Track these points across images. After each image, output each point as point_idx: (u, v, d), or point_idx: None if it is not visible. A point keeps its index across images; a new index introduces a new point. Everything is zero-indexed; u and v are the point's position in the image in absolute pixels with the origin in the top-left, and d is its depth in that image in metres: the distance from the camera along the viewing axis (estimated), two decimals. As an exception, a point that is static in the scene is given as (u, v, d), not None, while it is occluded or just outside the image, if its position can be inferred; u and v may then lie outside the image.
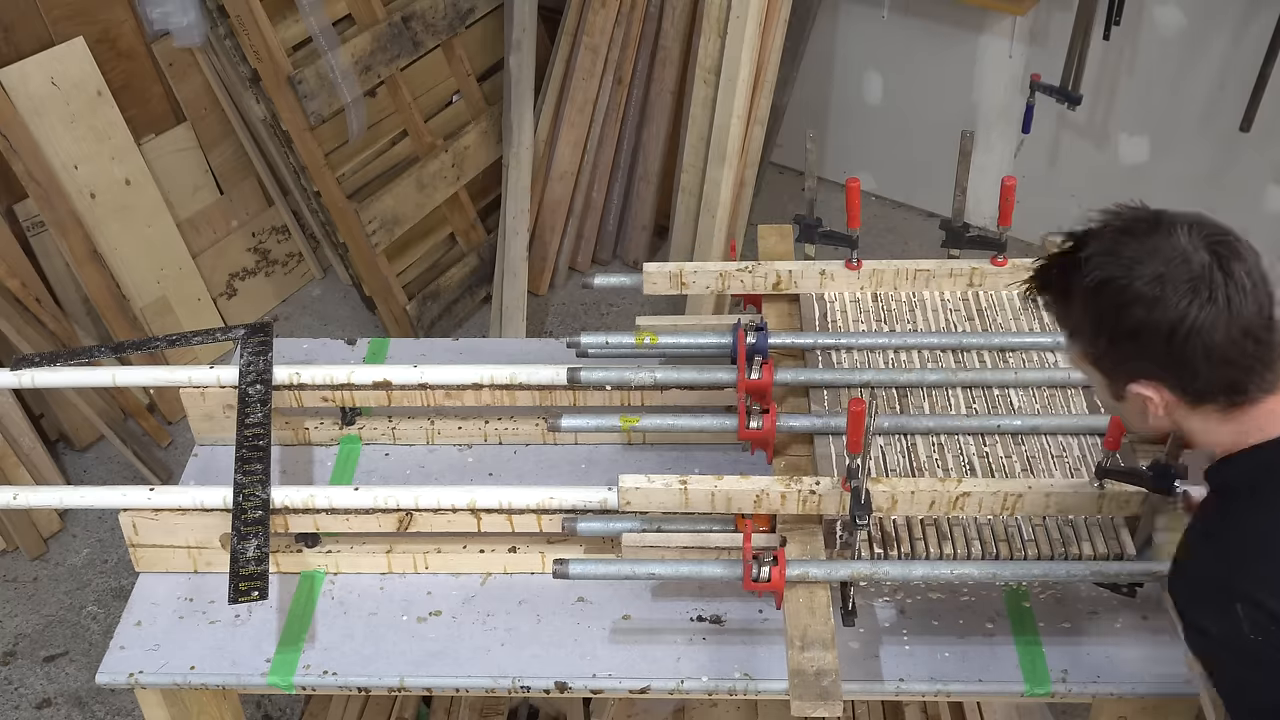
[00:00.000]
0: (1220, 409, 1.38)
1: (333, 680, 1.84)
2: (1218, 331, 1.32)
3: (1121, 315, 1.35)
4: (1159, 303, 1.32)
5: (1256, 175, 3.58)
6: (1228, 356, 1.33)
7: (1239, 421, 1.39)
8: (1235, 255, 1.34)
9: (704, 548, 1.87)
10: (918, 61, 3.99)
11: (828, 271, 2.23)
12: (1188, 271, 1.32)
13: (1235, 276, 1.32)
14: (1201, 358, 1.33)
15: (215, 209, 3.77)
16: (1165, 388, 1.38)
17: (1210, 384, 1.36)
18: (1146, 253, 1.34)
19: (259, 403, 2.06)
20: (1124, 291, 1.34)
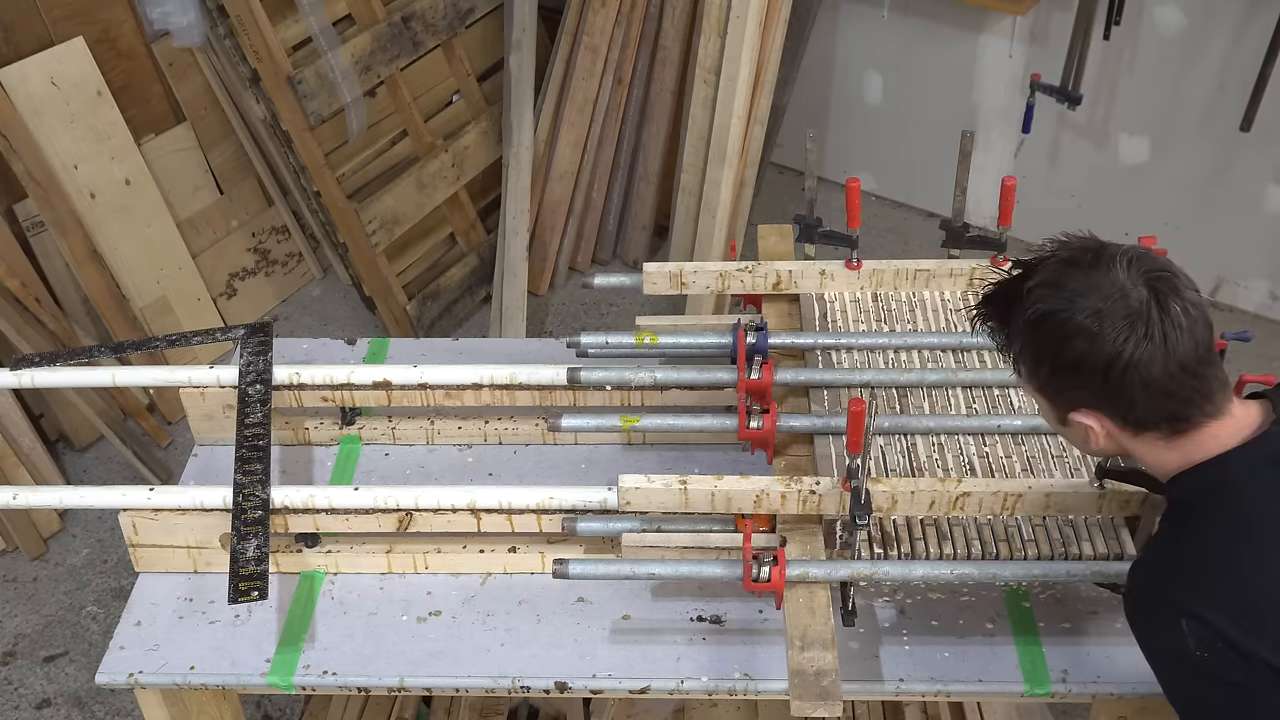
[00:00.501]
0: (1163, 436, 1.40)
1: (333, 680, 1.84)
2: (1154, 366, 1.34)
3: (1062, 348, 1.37)
4: (1097, 337, 1.34)
5: (1256, 175, 3.58)
6: (1166, 389, 1.36)
7: (1181, 446, 1.41)
8: (1173, 291, 1.36)
9: (704, 548, 1.87)
10: (918, 61, 3.99)
11: (828, 271, 2.23)
12: (1125, 307, 1.34)
13: (1171, 313, 1.34)
14: (1139, 390, 1.35)
15: (215, 209, 3.77)
16: (1106, 417, 1.40)
17: (1150, 414, 1.38)
18: (1088, 287, 1.36)
19: (259, 403, 2.06)
20: (1064, 325, 1.36)
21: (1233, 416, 1.41)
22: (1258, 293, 3.79)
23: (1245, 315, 3.80)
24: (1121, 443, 1.44)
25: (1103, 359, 1.35)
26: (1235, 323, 3.74)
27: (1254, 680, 1.30)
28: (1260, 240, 3.69)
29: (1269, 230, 3.65)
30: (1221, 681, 1.32)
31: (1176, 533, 1.45)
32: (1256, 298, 3.80)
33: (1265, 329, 3.70)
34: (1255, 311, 3.80)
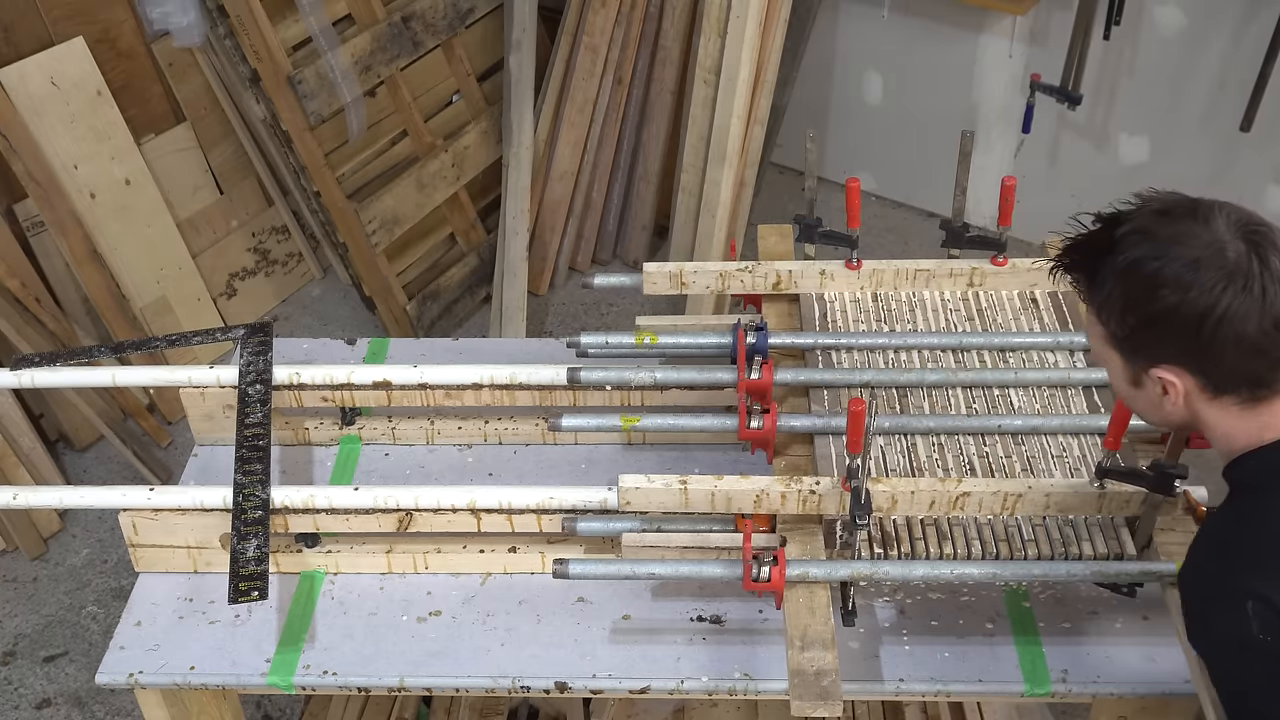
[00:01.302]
0: (1240, 402, 1.35)
1: (333, 680, 1.84)
2: (1250, 321, 1.29)
3: (1153, 298, 1.32)
4: (1193, 287, 1.29)
5: (1256, 175, 3.58)
6: (1260, 347, 1.30)
7: (1257, 416, 1.36)
8: (1272, 246, 1.31)
9: (704, 548, 1.87)
10: (918, 61, 3.99)
11: (828, 271, 2.23)
12: (1223, 259, 1.30)
13: (1271, 267, 1.29)
14: (1231, 346, 1.30)
15: (215, 209, 3.77)
16: (1188, 374, 1.35)
17: (1235, 374, 1.33)
18: (1182, 236, 1.32)
19: (259, 403, 2.06)
20: (1158, 274, 1.31)
21: None
22: (1258, 293, 3.78)
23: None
24: (1196, 407, 1.38)
25: (1196, 310, 1.29)
26: None
27: None
28: (1260, 240, 3.69)
29: (1269, 230, 3.65)
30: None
31: (1237, 517, 1.38)
32: (1256, 298, 3.79)
33: (1265, 329, 3.70)
34: (1255, 311, 3.80)
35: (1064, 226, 1.48)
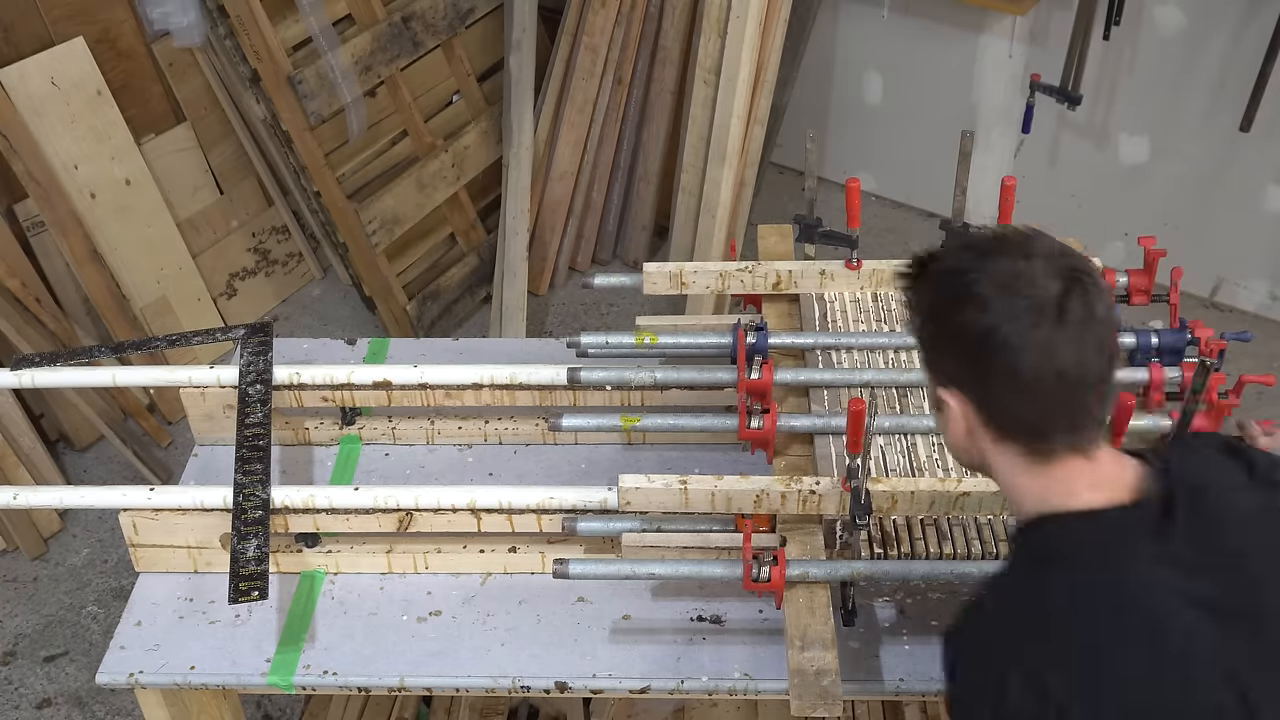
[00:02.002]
0: (1023, 453, 1.30)
1: (333, 680, 1.84)
2: (1027, 356, 1.23)
3: (953, 310, 1.28)
4: (987, 307, 1.24)
5: (1256, 175, 3.58)
6: (1031, 390, 1.25)
7: (1040, 475, 1.30)
8: (1084, 294, 1.25)
9: (704, 548, 1.87)
10: (918, 61, 3.99)
11: (828, 271, 2.23)
12: (1030, 289, 1.24)
13: (1069, 313, 1.23)
14: (1002, 378, 1.26)
15: (215, 209, 3.77)
16: (969, 403, 1.30)
17: (1009, 415, 1.28)
18: (1003, 262, 1.27)
19: (259, 403, 2.06)
20: (966, 288, 1.27)
21: (1099, 465, 1.29)
22: (1258, 293, 3.79)
23: (1245, 315, 3.81)
24: (981, 446, 1.32)
25: (980, 329, 1.24)
26: (1235, 323, 3.74)
27: None
28: (1260, 240, 3.69)
29: (1269, 230, 3.65)
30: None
31: (1037, 585, 1.29)
32: (1256, 298, 3.80)
33: (1265, 329, 3.71)
34: (1255, 311, 3.81)
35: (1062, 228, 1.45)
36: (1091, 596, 1.24)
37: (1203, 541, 1.27)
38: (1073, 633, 1.23)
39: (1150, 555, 1.25)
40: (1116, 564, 1.25)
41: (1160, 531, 1.26)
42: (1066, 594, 1.26)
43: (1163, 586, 1.24)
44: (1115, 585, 1.24)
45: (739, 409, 1.95)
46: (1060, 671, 1.21)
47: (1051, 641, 1.23)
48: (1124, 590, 1.24)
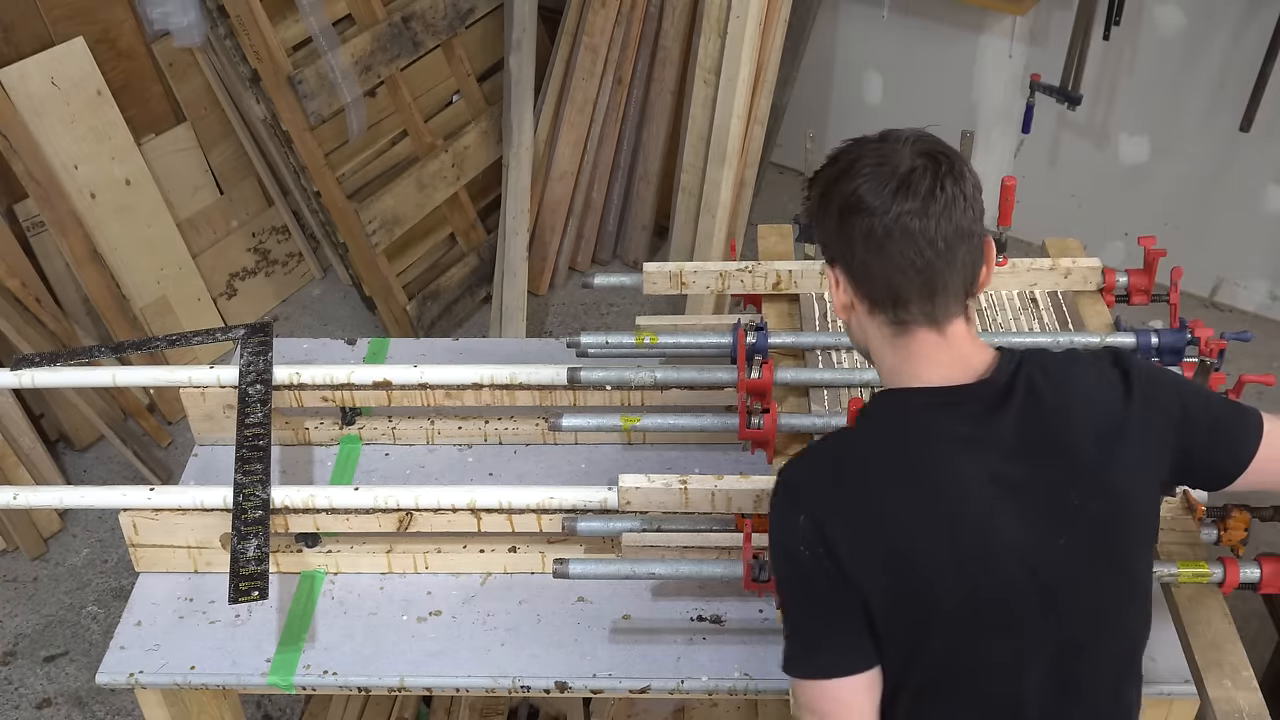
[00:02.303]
0: (887, 324, 1.39)
1: (333, 680, 1.84)
2: (880, 217, 1.33)
3: (830, 181, 1.39)
4: (854, 175, 1.35)
5: (1256, 175, 3.58)
6: (888, 252, 1.34)
7: (901, 350, 1.40)
8: (938, 169, 1.34)
9: (704, 547, 1.87)
10: (918, 61, 3.99)
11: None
12: (890, 162, 1.34)
13: (923, 181, 1.33)
14: (863, 238, 1.35)
15: (215, 209, 3.77)
16: (844, 275, 1.41)
17: (872, 278, 1.37)
18: (878, 144, 1.38)
19: (259, 403, 2.06)
20: (840, 167, 1.38)
21: (953, 344, 1.39)
22: (1258, 293, 3.79)
23: (1245, 315, 3.81)
24: (860, 320, 1.43)
25: (844, 195, 1.35)
26: (1235, 323, 3.74)
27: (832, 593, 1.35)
28: (1260, 240, 3.69)
29: (1269, 230, 3.65)
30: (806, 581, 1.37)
31: (837, 437, 1.48)
32: (1256, 298, 3.80)
33: (1265, 329, 3.71)
34: (1255, 311, 3.81)
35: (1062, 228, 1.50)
36: (880, 452, 1.39)
37: (1029, 430, 1.37)
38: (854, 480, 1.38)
39: (955, 429, 1.37)
40: (915, 428, 1.39)
41: (984, 412, 1.38)
42: (860, 448, 1.42)
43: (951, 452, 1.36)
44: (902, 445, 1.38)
45: (739, 409, 1.94)
46: (839, 518, 1.35)
47: (839, 488, 1.38)
48: (909, 449, 1.38)
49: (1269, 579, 1.74)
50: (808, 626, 1.39)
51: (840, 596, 1.35)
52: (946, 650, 1.38)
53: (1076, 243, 2.29)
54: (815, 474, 1.42)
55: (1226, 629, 1.74)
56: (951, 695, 1.41)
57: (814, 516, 1.35)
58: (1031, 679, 1.40)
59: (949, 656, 1.38)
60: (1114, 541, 1.40)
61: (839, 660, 1.37)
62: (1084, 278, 2.18)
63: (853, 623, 1.36)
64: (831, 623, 1.37)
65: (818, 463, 1.44)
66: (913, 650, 1.38)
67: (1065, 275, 2.18)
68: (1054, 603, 1.38)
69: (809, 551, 1.35)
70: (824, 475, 1.41)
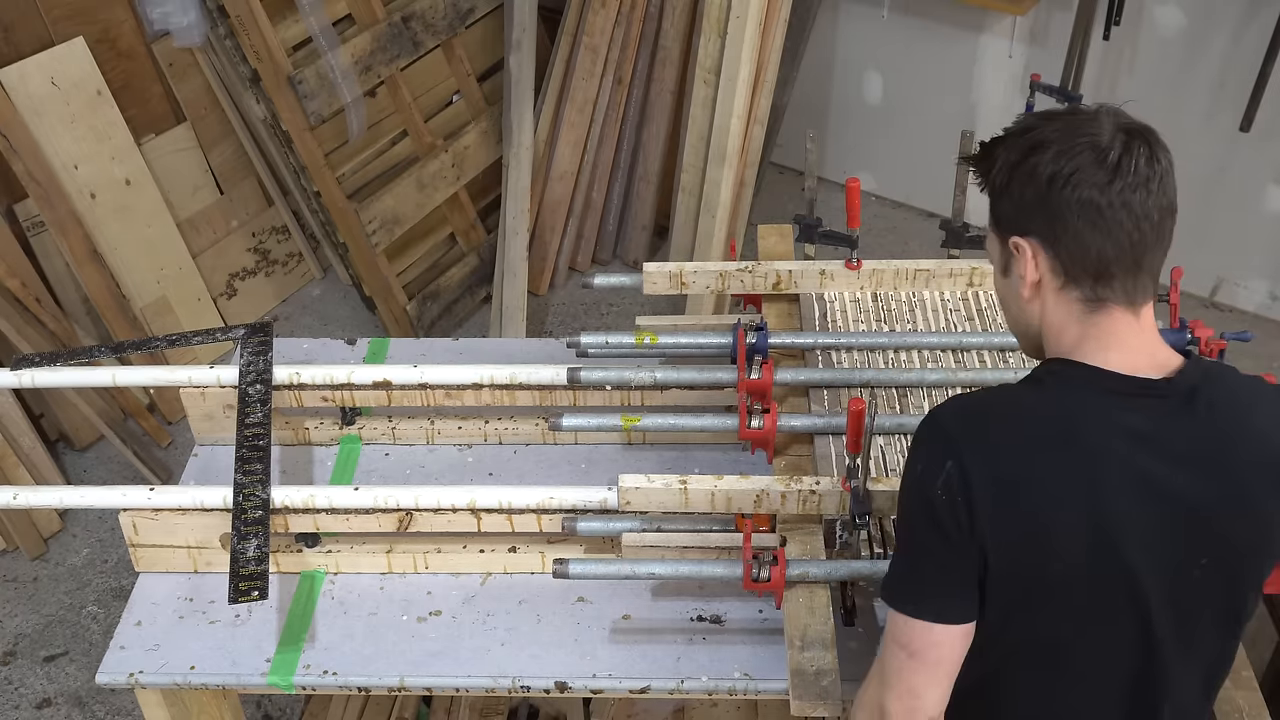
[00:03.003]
0: (1081, 300, 1.38)
1: (333, 680, 1.84)
2: (1098, 191, 1.32)
3: (1022, 159, 1.37)
4: (1052, 147, 1.34)
5: (1256, 175, 3.58)
6: (1104, 218, 1.33)
7: (1090, 327, 1.38)
8: (1147, 143, 1.36)
9: (704, 548, 1.87)
10: (918, 61, 3.99)
11: (828, 271, 2.23)
12: (1094, 136, 1.34)
13: (1134, 153, 1.33)
14: (1076, 209, 1.33)
15: (215, 209, 3.77)
16: (1040, 248, 1.38)
17: (1080, 254, 1.35)
18: (1066, 118, 1.38)
19: (259, 403, 2.06)
20: (1033, 139, 1.37)
21: (1143, 328, 1.38)
22: (1258, 293, 3.79)
23: (1245, 315, 3.81)
24: (1044, 296, 1.40)
25: (1051, 170, 1.34)
26: (1235, 323, 3.74)
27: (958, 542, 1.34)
28: (1260, 240, 3.69)
29: (1269, 230, 3.65)
30: (934, 523, 1.35)
31: (1009, 391, 1.45)
32: (1256, 298, 3.80)
33: (1265, 329, 3.71)
34: (1255, 311, 3.81)
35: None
36: (1045, 417, 1.36)
37: (1201, 444, 1.35)
38: (1011, 439, 1.35)
39: (1128, 420, 1.34)
40: (1089, 405, 1.35)
41: (1161, 413, 1.35)
42: (1026, 408, 1.38)
43: (1117, 441, 1.33)
44: (1069, 417, 1.35)
45: (739, 409, 1.95)
46: (988, 472, 1.33)
47: (995, 442, 1.35)
48: (1076, 423, 1.35)
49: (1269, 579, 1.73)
50: (923, 567, 1.39)
51: (965, 547, 1.34)
52: (1045, 626, 1.39)
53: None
54: (972, 423, 1.39)
55: (1226, 629, 1.74)
56: (1032, 669, 1.42)
57: (962, 464, 1.33)
58: (1121, 679, 1.41)
59: (1046, 632, 1.39)
60: (1244, 572, 1.41)
61: (947, 606, 1.37)
62: (1084, 278, 2.17)
63: (969, 575, 1.36)
64: (949, 570, 1.37)
65: (977, 413, 1.41)
66: (1013, 617, 1.38)
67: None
68: (1173, 613, 1.38)
69: (946, 497, 1.33)
70: (981, 426, 1.38)
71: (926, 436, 1.40)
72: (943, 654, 1.38)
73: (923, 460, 1.38)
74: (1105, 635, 1.39)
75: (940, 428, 1.39)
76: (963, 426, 1.38)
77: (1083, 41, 3.46)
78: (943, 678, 1.39)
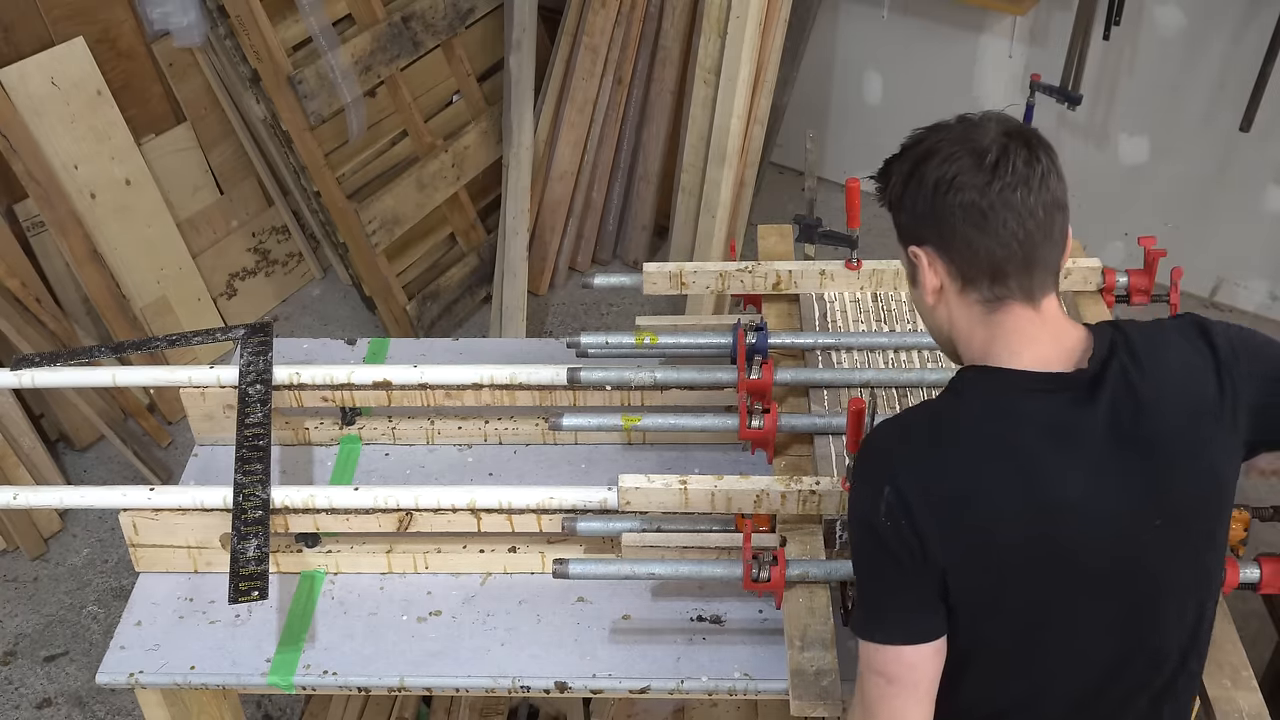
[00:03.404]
0: (981, 301, 1.40)
1: (333, 680, 1.84)
2: (978, 193, 1.35)
3: (911, 172, 1.41)
4: (942, 158, 1.38)
5: (1256, 175, 3.58)
6: (987, 221, 1.36)
7: (993, 328, 1.40)
8: (1030, 145, 1.38)
9: (704, 548, 1.87)
10: (918, 61, 3.99)
11: (828, 271, 2.23)
12: (975, 142, 1.37)
13: (1012, 156, 1.36)
14: (960, 213, 1.36)
15: (215, 209, 3.77)
16: (937, 256, 1.41)
17: (972, 259, 1.38)
18: (955, 127, 1.42)
19: (259, 403, 2.06)
20: (919, 152, 1.42)
21: (1046, 321, 1.40)
22: (1258, 293, 3.79)
23: (1245, 315, 3.81)
24: (949, 302, 1.43)
25: (934, 177, 1.37)
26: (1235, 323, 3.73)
27: (910, 564, 1.36)
28: (1260, 240, 3.69)
29: (1269, 230, 3.65)
30: (884, 550, 1.37)
31: (924, 409, 1.48)
32: (1256, 298, 3.80)
33: (1265, 329, 3.67)
34: (1255, 311, 3.81)
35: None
36: (970, 427, 1.38)
37: (1123, 421, 1.37)
38: (944, 453, 1.38)
39: (1047, 416, 1.37)
40: (1008, 409, 1.38)
41: (1076, 402, 1.37)
42: (951, 421, 1.40)
43: (1043, 439, 1.36)
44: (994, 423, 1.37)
45: (739, 409, 1.95)
46: (925, 490, 1.35)
47: (929, 460, 1.38)
48: (1002, 429, 1.37)
49: (1269, 579, 1.74)
50: (882, 593, 1.41)
51: (918, 567, 1.36)
52: (1014, 627, 1.40)
53: (1076, 243, 2.28)
54: (902, 444, 1.42)
55: (1226, 629, 1.74)
56: (1008, 672, 1.44)
57: (899, 487, 1.35)
58: (1100, 657, 1.43)
59: (1016, 633, 1.41)
60: (1204, 523, 1.43)
61: (912, 627, 1.39)
62: (1084, 278, 2.18)
63: (928, 592, 1.37)
64: (907, 591, 1.38)
65: (908, 432, 1.44)
66: (980, 625, 1.40)
67: (1065, 275, 2.18)
68: (1138, 584, 1.40)
69: (890, 523, 1.35)
70: (911, 446, 1.40)
71: (861, 465, 1.43)
72: (920, 675, 1.39)
73: (861, 489, 1.41)
74: (1077, 627, 1.41)
75: (873, 453, 1.43)
76: (893, 449, 1.41)
77: (1083, 41, 3.46)
78: (924, 697, 1.40)
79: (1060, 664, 1.44)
